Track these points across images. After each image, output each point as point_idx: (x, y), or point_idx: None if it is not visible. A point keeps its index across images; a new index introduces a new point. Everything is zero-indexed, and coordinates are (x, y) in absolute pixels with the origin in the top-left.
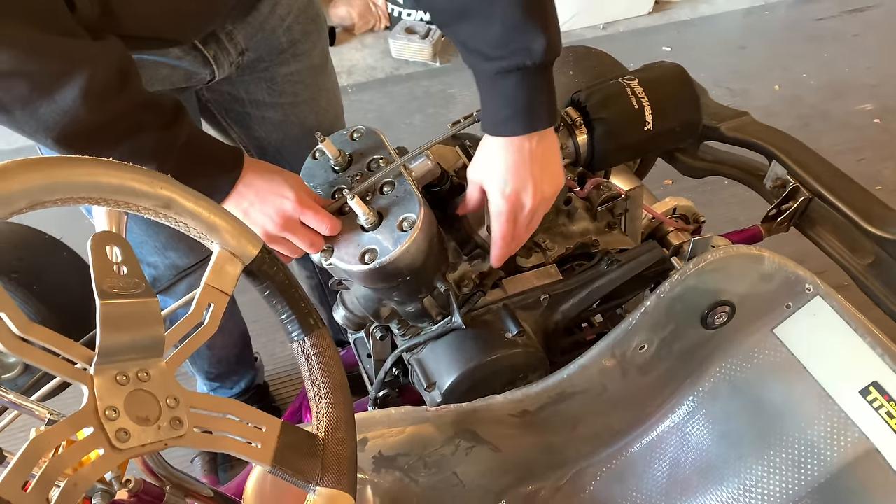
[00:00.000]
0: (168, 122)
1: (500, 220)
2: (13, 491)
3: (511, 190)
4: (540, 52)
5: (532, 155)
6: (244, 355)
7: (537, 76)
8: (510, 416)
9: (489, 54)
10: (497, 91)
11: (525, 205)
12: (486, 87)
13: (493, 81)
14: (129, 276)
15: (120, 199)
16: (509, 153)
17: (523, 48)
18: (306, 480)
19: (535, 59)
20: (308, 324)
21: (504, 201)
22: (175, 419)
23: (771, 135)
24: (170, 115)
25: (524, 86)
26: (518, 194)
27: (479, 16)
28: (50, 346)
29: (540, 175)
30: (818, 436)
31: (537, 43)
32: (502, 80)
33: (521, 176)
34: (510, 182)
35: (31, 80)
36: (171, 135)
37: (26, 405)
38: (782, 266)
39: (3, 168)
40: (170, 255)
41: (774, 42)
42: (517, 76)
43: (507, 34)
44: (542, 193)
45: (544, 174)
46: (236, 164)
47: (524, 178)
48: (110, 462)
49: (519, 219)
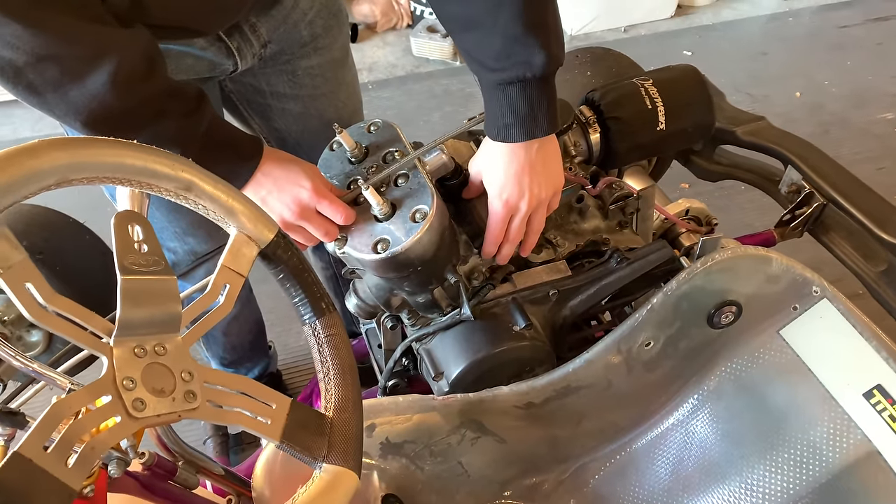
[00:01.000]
0: (191, 109)
1: (494, 221)
2: (35, 451)
3: (508, 196)
4: (540, 66)
5: (532, 162)
6: (258, 342)
7: (537, 87)
8: (515, 407)
9: (491, 65)
10: (499, 100)
11: (521, 210)
12: (488, 95)
13: (495, 90)
14: (149, 254)
15: (143, 181)
16: (510, 160)
17: (524, 61)
18: (313, 457)
19: (535, 72)
20: (320, 307)
21: (501, 206)
22: (189, 392)
23: (787, 140)
24: (193, 103)
25: (524, 96)
26: (515, 201)
27: (483, 27)
28: (73, 316)
29: (538, 180)
30: (820, 437)
31: (537, 57)
32: (504, 90)
33: (520, 184)
34: (508, 188)
35: (62, 65)
36: (192, 122)
37: (48, 374)
38: (790, 268)
39: (34, 147)
40: (189, 241)
41: (797, 49)
42: (518, 87)
43: (509, 47)
44: (538, 199)
45: (543, 179)
46: (256, 152)
47: (522, 185)
48: (126, 429)
49: (513, 222)
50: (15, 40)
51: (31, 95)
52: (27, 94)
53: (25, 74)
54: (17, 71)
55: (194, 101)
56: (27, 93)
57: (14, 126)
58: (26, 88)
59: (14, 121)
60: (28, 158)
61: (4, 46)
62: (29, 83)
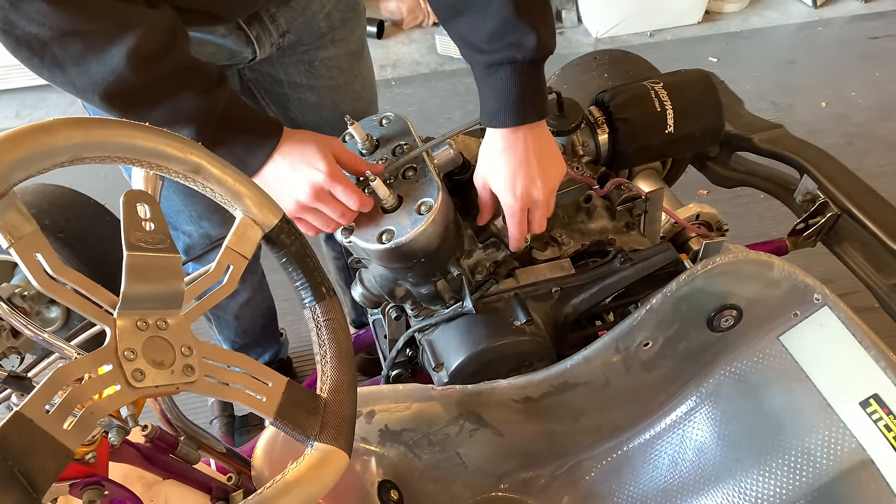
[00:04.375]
0: (209, 87)
1: (516, 219)
2: (36, 412)
3: (521, 188)
4: (531, 49)
5: (531, 149)
6: (270, 328)
7: (528, 71)
8: (513, 401)
9: (483, 47)
10: (490, 83)
11: (537, 199)
12: (480, 79)
13: (486, 74)
14: (155, 232)
15: (153, 161)
16: (510, 153)
17: (515, 42)
18: (305, 435)
19: (526, 55)
20: (320, 292)
21: (516, 201)
22: (188, 366)
23: (803, 149)
24: (213, 81)
25: (514, 79)
26: (528, 191)
27: (475, 11)
28: (79, 288)
29: (544, 166)
30: (815, 444)
31: (528, 39)
32: (494, 72)
33: (528, 173)
34: (519, 181)
35: (85, 39)
36: (211, 99)
37: (57, 343)
38: (791, 273)
39: (50, 125)
40: (203, 225)
41: (825, 58)
42: (508, 70)
43: (501, 28)
44: (550, 184)
45: (548, 164)
46: (274, 133)
47: (530, 174)
48: (125, 397)
49: (534, 213)
50: (40, 17)
51: (55, 69)
52: (52, 67)
53: (51, 49)
54: (42, 45)
55: (214, 79)
56: (52, 66)
57: (48, 109)
58: (51, 62)
59: (48, 104)
60: (43, 135)
61: (31, 22)
62: (53, 57)
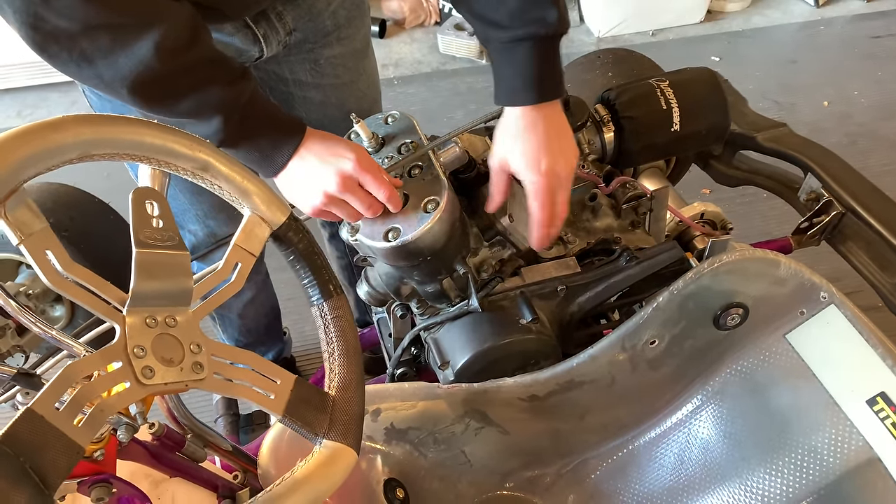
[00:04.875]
0: (234, 79)
1: (541, 198)
2: (47, 409)
3: (546, 165)
4: (553, 24)
5: (552, 127)
6: (273, 327)
7: (548, 47)
8: (519, 399)
9: (504, 23)
10: (510, 60)
11: (561, 177)
12: (499, 57)
13: (506, 50)
14: (164, 230)
15: (161, 159)
16: (531, 132)
17: (538, 18)
18: (314, 433)
19: (549, 30)
20: (328, 290)
21: (541, 178)
22: (196, 363)
23: (808, 147)
24: (237, 73)
25: (536, 55)
26: (553, 168)
27: None
28: (89, 285)
29: (563, 145)
30: (822, 442)
31: (550, 14)
32: (515, 48)
33: (552, 150)
34: (543, 158)
35: (113, 33)
36: (236, 90)
37: (66, 341)
38: (798, 272)
39: (59, 121)
40: (210, 224)
41: (827, 58)
42: (529, 45)
43: (523, 4)
44: (570, 163)
45: (566, 144)
46: (298, 128)
47: (554, 151)
48: (134, 394)
49: (559, 193)
50: (69, 11)
51: (83, 63)
52: (80, 61)
53: (79, 43)
54: (71, 39)
55: (238, 71)
56: (80, 60)
57: (49, 109)
58: (79, 56)
59: (49, 104)
60: (52, 132)
61: (59, 17)
62: (82, 51)
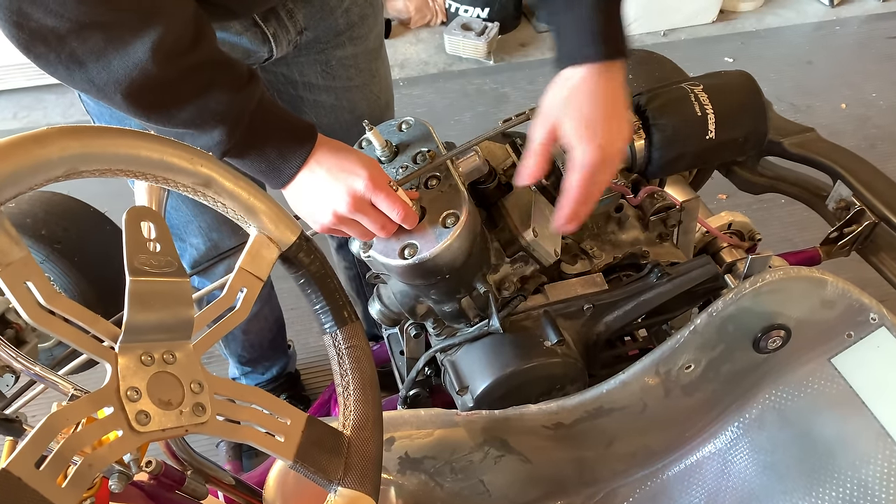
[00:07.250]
0: (241, 83)
1: (584, 172)
2: (26, 469)
3: (603, 138)
4: None
5: (615, 96)
6: (278, 342)
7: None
8: (543, 427)
9: None
10: (575, 15)
11: (613, 155)
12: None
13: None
14: (161, 254)
15: (159, 174)
16: (593, 96)
17: None
18: (328, 479)
19: None
20: (342, 316)
21: (595, 151)
22: (198, 405)
23: (837, 153)
24: (243, 77)
25: (602, 9)
26: (612, 142)
27: None
28: (76, 319)
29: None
30: (872, 475)
31: None
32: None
33: (610, 122)
34: (600, 129)
35: (106, 32)
36: (242, 96)
37: (50, 378)
38: (846, 292)
39: (43, 134)
40: (213, 237)
41: (844, 58)
42: None
43: None
44: (626, 142)
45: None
46: (309, 137)
47: (614, 125)
48: (128, 444)
49: (603, 174)
50: (58, 7)
51: (72, 65)
52: (69, 63)
53: (68, 43)
54: (60, 39)
55: (246, 76)
56: (69, 62)
57: (45, 111)
58: (68, 58)
59: (46, 105)
60: (35, 146)
61: (47, 14)
62: (72, 52)
